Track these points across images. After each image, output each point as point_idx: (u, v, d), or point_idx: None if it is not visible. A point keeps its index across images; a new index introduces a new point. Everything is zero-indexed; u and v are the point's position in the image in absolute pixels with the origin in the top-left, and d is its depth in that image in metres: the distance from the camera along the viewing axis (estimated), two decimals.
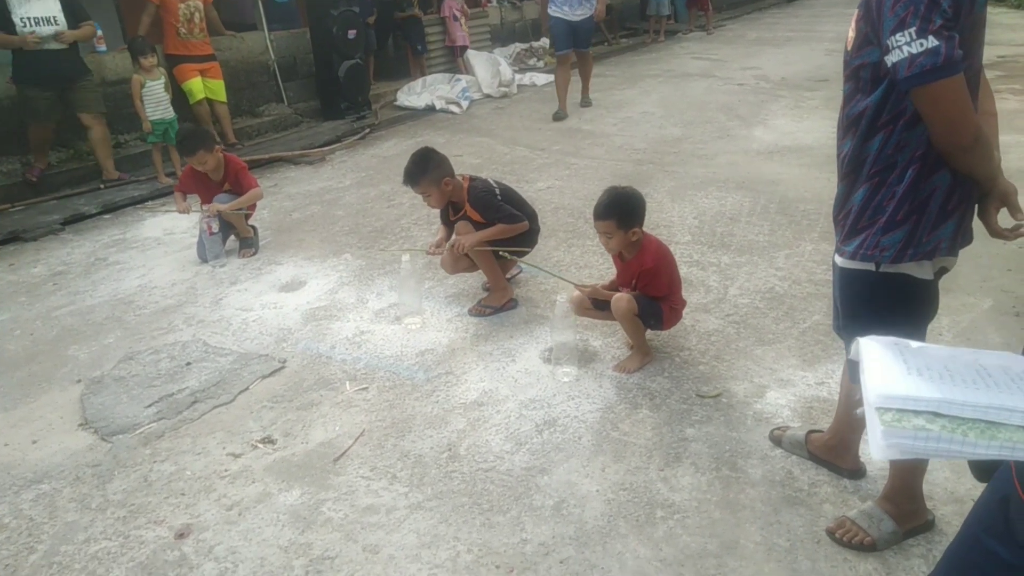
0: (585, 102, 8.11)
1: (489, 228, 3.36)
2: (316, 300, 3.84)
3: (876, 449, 0.72)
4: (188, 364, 3.25)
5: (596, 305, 3.07)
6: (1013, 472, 0.97)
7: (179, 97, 6.35)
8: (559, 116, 7.58)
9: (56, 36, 5.44)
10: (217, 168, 4.38)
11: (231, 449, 2.67)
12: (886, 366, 0.77)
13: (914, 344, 0.82)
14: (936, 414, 0.71)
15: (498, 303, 3.54)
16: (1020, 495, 0.94)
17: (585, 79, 8.11)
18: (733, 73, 9.55)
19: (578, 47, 7.60)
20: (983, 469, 0.93)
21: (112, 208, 5.54)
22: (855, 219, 1.84)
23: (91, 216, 5.40)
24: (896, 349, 0.80)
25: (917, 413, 0.71)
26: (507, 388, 2.95)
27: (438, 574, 2.06)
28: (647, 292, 2.94)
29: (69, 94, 5.62)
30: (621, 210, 2.86)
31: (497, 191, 3.46)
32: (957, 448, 0.70)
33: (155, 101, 5.78)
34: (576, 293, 3.10)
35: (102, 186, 5.87)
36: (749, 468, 2.40)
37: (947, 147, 1.65)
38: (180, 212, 4.55)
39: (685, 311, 3.15)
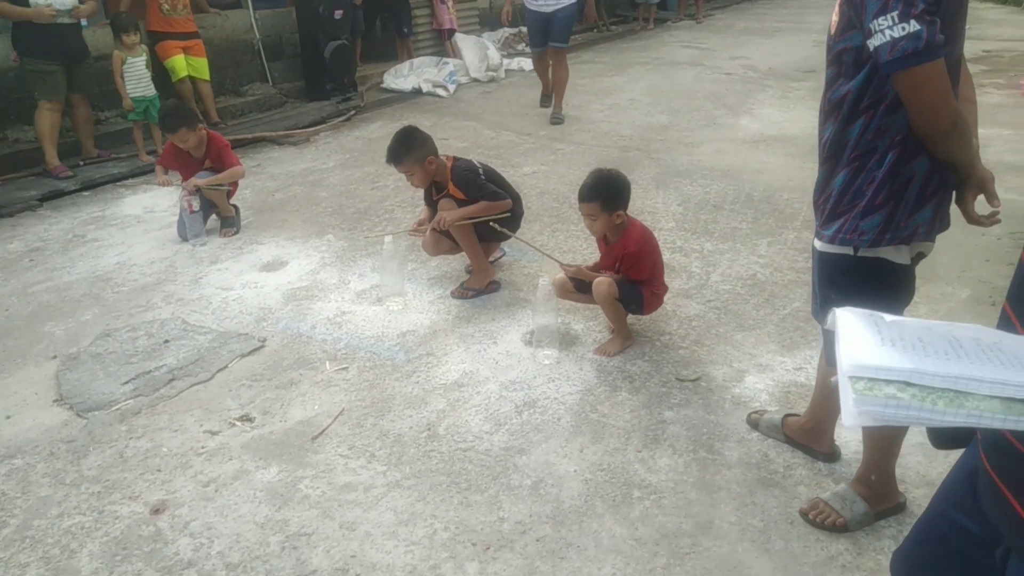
0: (556, 119, 6.78)
1: (472, 205, 3.35)
2: (297, 280, 3.82)
3: (848, 416, 0.73)
4: (166, 342, 3.22)
5: (578, 288, 3.07)
6: (979, 445, 0.98)
7: (161, 74, 6.25)
8: (546, 103, 7.19)
9: (71, 11, 5.31)
10: (199, 146, 4.33)
11: (208, 426, 2.66)
12: (861, 336, 0.78)
13: (888, 317, 0.83)
14: (907, 383, 0.72)
15: (480, 285, 3.54)
16: (988, 469, 0.96)
17: (558, 89, 6.83)
18: (721, 62, 9.55)
19: (552, 42, 6.55)
20: (941, 437, 0.94)
21: (91, 185, 5.45)
22: (835, 203, 1.85)
23: (69, 193, 5.32)
24: (871, 320, 0.82)
25: (889, 382, 0.72)
26: (488, 370, 2.95)
27: (415, 551, 2.06)
28: (630, 275, 2.95)
29: (72, 72, 5.49)
30: (606, 192, 2.86)
31: (480, 171, 3.45)
32: (926, 416, 0.72)
33: (136, 78, 5.69)
34: (559, 275, 3.10)
35: (81, 163, 5.77)
36: (726, 450, 2.42)
37: (926, 131, 1.66)
38: (160, 184, 4.50)
39: (667, 296, 3.16)
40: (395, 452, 2.48)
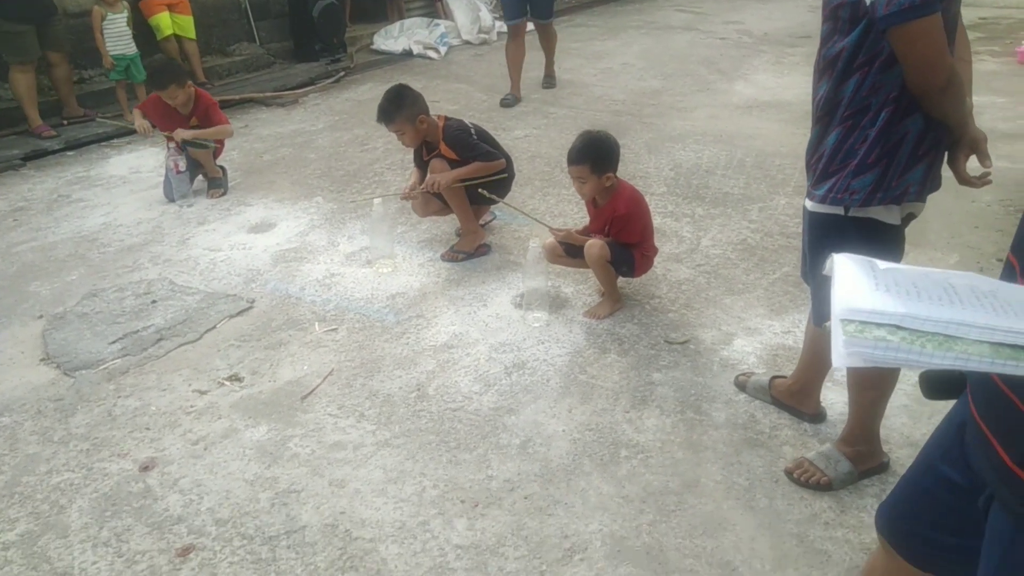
0: (548, 82, 6.57)
1: (465, 166, 3.31)
2: (286, 242, 3.79)
3: (837, 357, 0.74)
4: (154, 302, 3.20)
5: (568, 252, 3.06)
6: (969, 396, 0.99)
7: (145, 32, 6.11)
8: (508, 102, 6.12)
9: None
10: (187, 103, 4.24)
11: (197, 386, 2.65)
12: (856, 281, 0.79)
13: (884, 264, 0.83)
14: (897, 327, 0.72)
15: (470, 248, 3.52)
16: (975, 417, 0.97)
17: (549, 52, 6.50)
18: (716, 27, 9.43)
19: (536, 16, 6.04)
20: (932, 388, 0.95)
21: (75, 145, 5.37)
22: (827, 162, 1.84)
23: (53, 152, 5.23)
24: (867, 266, 0.82)
25: (879, 325, 0.73)
26: (477, 332, 2.95)
27: (404, 507, 2.08)
28: (620, 238, 2.94)
29: (43, 30, 5.34)
30: (595, 154, 2.83)
31: (472, 131, 3.40)
32: (914, 358, 0.72)
33: (116, 35, 5.56)
34: (549, 239, 3.08)
35: (64, 122, 5.67)
36: (713, 411, 2.44)
37: (921, 88, 1.65)
38: (138, 130, 4.39)
39: (657, 260, 3.16)
40: (384, 412, 2.49)
